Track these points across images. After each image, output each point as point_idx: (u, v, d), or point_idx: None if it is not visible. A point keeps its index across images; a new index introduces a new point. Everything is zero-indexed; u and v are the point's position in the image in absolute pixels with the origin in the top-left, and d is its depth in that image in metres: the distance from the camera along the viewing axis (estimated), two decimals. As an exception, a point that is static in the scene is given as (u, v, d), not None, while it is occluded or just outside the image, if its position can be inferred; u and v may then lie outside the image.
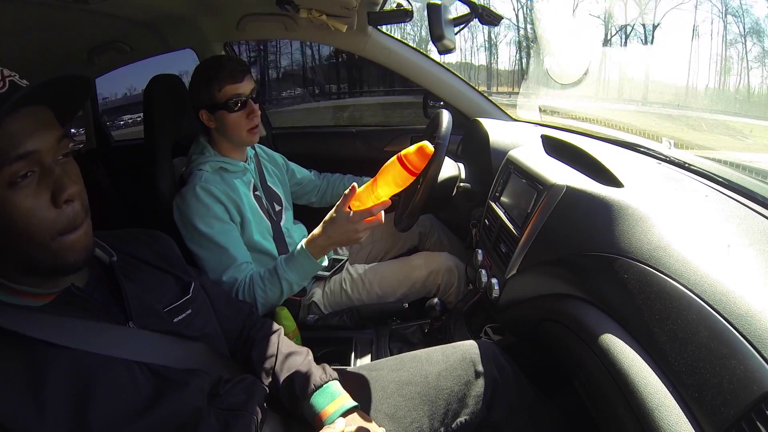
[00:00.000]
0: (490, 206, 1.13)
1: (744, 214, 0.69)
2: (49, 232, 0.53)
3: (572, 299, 0.73)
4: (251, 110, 1.14)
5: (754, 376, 0.43)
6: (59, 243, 0.54)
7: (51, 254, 0.54)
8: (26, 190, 0.51)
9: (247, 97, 1.13)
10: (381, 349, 1.16)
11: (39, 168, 0.52)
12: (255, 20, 1.48)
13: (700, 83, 1.28)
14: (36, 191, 0.51)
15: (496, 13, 1.28)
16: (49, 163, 0.53)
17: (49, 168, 0.52)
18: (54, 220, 0.53)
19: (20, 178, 0.50)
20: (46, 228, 0.52)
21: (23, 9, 1.04)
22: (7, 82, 0.51)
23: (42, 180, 0.52)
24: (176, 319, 0.68)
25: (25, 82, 0.53)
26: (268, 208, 1.24)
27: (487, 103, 1.64)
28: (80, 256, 0.56)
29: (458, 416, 0.77)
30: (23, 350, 0.52)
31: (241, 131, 1.15)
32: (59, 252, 0.54)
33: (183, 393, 0.61)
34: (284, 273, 1.03)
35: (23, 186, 0.50)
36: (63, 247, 0.54)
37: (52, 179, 0.52)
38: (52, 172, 0.52)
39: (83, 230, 0.56)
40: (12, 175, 0.49)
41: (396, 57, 1.57)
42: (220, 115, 1.13)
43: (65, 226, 0.54)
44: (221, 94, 1.10)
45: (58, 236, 0.53)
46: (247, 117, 1.14)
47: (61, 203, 0.52)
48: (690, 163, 0.94)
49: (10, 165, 0.49)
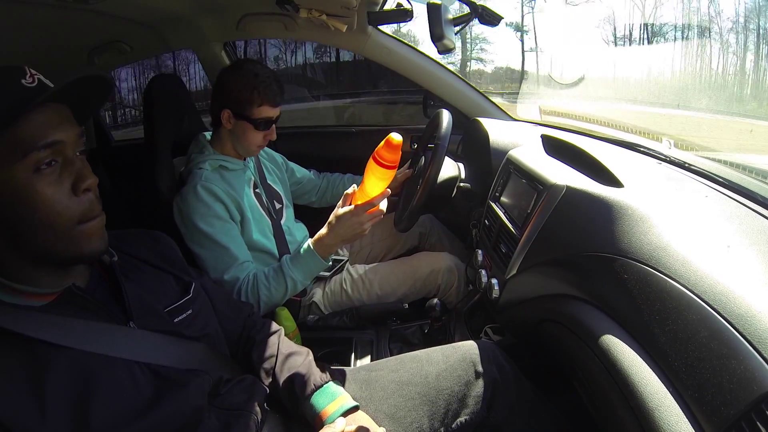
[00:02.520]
0: (490, 206, 1.13)
1: (744, 215, 0.69)
2: (69, 220, 0.55)
3: (572, 299, 0.73)
4: (271, 133, 1.18)
5: (754, 376, 0.43)
6: (78, 231, 0.56)
7: (70, 242, 0.56)
8: (49, 178, 0.54)
9: (273, 121, 1.16)
10: (381, 350, 1.16)
11: (62, 158, 0.55)
12: (255, 20, 1.48)
13: (701, 83, 1.28)
14: (58, 179, 0.55)
15: (496, 13, 1.28)
16: (71, 154, 0.56)
17: (71, 159, 0.56)
18: (74, 208, 0.55)
19: (45, 165, 0.53)
20: (68, 215, 0.55)
21: (23, 9, 1.04)
22: (36, 78, 0.55)
23: (64, 169, 0.55)
24: (177, 319, 0.68)
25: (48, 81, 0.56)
26: (268, 205, 1.25)
27: (487, 103, 1.64)
28: (96, 246, 0.58)
29: (458, 416, 0.77)
30: (24, 350, 0.52)
31: (252, 146, 1.18)
32: (78, 240, 0.56)
33: (183, 393, 0.61)
34: (290, 271, 1.04)
35: (47, 173, 0.54)
36: (82, 235, 0.56)
37: (73, 169, 0.56)
38: (74, 163, 0.56)
39: (100, 220, 0.59)
40: (38, 161, 0.53)
41: (396, 57, 1.57)
42: (242, 125, 1.15)
43: (83, 214, 0.56)
44: (257, 111, 1.13)
45: (78, 224, 0.56)
46: (263, 137, 1.17)
47: (80, 192, 0.56)
48: (690, 163, 0.94)
49: (37, 152, 0.52)
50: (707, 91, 1.29)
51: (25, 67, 0.55)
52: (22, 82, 0.53)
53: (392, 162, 0.88)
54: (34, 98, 0.52)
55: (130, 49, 1.58)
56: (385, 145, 0.87)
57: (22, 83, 0.53)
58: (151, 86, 1.22)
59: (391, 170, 0.89)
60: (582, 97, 1.60)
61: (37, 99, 0.52)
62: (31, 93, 0.53)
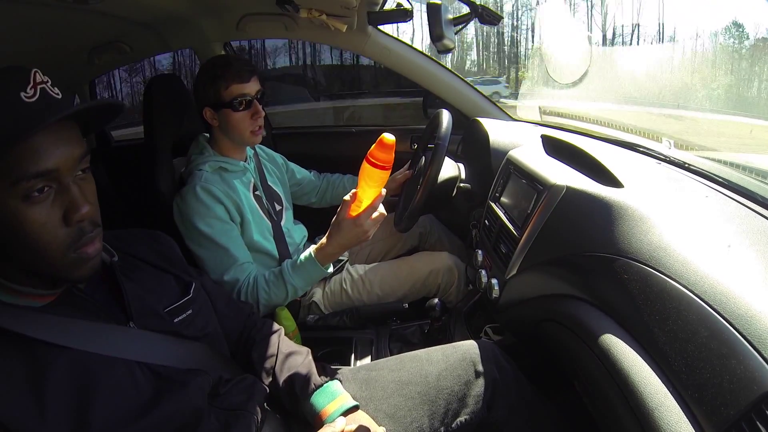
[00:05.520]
0: (490, 206, 1.13)
1: (744, 215, 0.69)
2: (58, 248, 0.53)
3: (572, 300, 0.73)
4: (256, 111, 1.14)
5: (754, 376, 0.43)
6: (70, 258, 0.54)
7: (57, 268, 0.54)
8: (40, 206, 0.51)
9: (252, 97, 1.13)
10: (381, 350, 1.16)
11: (56, 185, 0.52)
12: (255, 20, 1.48)
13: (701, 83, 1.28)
14: (50, 208, 0.52)
15: (496, 13, 1.28)
16: (67, 181, 0.52)
17: (66, 186, 0.52)
18: (62, 238, 0.53)
19: (36, 192, 0.50)
20: (56, 244, 0.52)
21: (23, 9, 1.04)
22: (38, 90, 0.50)
23: (57, 197, 0.52)
24: (177, 319, 0.68)
25: (56, 90, 0.53)
26: (268, 207, 1.24)
27: (487, 103, 1.64)
28: (85, 273, 0.56)
29: (458, 416, 0.77)
30: (24, 350, 0.52)
31: (244, 131, 1.15)
32: (66, 267, 0.54)
33: (183, 393, 0.61)
34: (290, 278, 1.03)
35: (38, 201, 0.50)
36: (71, 262, 0.54)
37: (67, 198, 0.52)
38: (69, 190, 0.52)
39: (93, 248, 0.56)
40: (28, 189, 0.49)
41: (396, 57, 1.57)
42: (224, 114, 1.13)
43: (73, 243, 0.54)
44: (227, 93, 1.11)
45: (68, 251, 0.53)
46: (251, 117, 1.14)
47: (73, 222, 0.53)
48: (690, 163, 0.94)
49: (27, 181, 0.49)
50: (708, 91, 1.29)
51: (30, 71, 0.51)
52: (21, 97, 0.49)
53: (386, 162, 0.87)
54: (32, 126, 0.47)
55: (130, 49, 1.58)
56: (377, 145, 0.86)
57: (21, 98, 0.49)
58: (150, 86, 1.22)
59: (385, 171, 0.88)
60: (582, 97, 1.60)
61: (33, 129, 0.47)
62: (29, 112, 0.49)
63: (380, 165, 0.86)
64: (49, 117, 0.49)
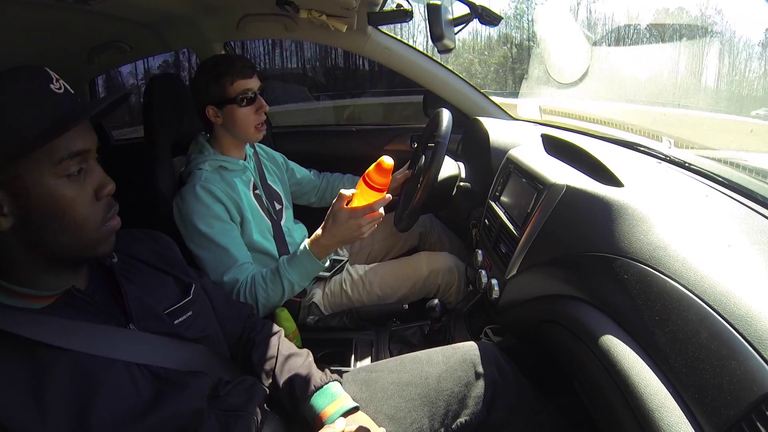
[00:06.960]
0: (490, 206, 1.13)
1: (744, 214, 0.69)
2: (94, 222, 0.59)
3: (572, 300, 0.73)
4: (260, 105, 1.15)
5: (754, 377, 0.43)
6: (100, 233, 0.59)
7: (89, 243, 0.59)
8: (77, 184, 0.57)
9: (256, 92, 1.14)
10: (381, 351, 1.16)
11: (86, 165, 0.58)
12: (255, 20, 1.48)
13: (701, 83, 1.27)
14: (83, 185, 0.58)
15: (496, 13, 1.28)
16: (94, 162, 0.60)
17: (92, 166, 0.59)
18: (97, 212, 0.59)
19: (74, 171, 0.56)
20: (93, 218, 0.58)
21: (23, 9, 1.04)
22: (61, 83, 0.56)
23: (87, 176, 0.58)
24: (177, 321, 0.68)
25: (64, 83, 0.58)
26: (268, 207, 1.24)
27: (487, 102, 1.64)
28: (107, 249, 0.61)
29: (458, 417, 0.77)
30: (24, 352, 0.52)
31: (249, 127, 1.16)
32: (96, 241, 0.59)
33: (183, 395, 0.61)
34: (286, 273, 1.02)
35: (75, 180, 0.57)
36: (101, 237, 0.60)
37: (95, 176, 0.59)
38: (95, 169, 0.59)
39: (116, 221, 0.62)
40: (68, 168, 0.55)
41: (396, 57, 1.57)
42: (228, 110, 1.14)
43: (104, 216, 0.60)
44: (232, 89, 1.12)
45: (100, 226, 0.59)
46: (255, 112, 1.15)
47: (103, 197, 0.59)
48: (690, 163, 0.94)
49: (68, 160, 0.55)
50: (708, 91, 1.28)
51: (45, 69, 0.56)
52: (52, 89, 0.55)
53: (381, 185, 0.89)
54: (78, 114, 0.55)
55: (130, 49, 1.58)
56: (375, 168, 0.87)
57: (53, 90, 0.55)
58: (150, 86, 1.22)
59: (379, 193, 0.90)
60: (582, 97, 1.60)
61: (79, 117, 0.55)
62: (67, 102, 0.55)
63: (377, 188, 0.88)
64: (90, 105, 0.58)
